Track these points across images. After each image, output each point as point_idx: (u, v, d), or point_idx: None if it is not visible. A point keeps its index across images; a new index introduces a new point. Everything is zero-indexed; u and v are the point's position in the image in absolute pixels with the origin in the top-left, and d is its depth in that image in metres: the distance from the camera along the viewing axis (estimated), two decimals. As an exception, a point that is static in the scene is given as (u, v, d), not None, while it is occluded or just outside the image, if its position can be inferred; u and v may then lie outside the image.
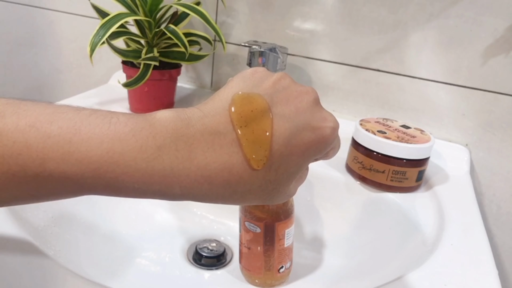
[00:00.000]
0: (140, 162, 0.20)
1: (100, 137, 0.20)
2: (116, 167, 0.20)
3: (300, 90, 0.26)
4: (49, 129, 0.20)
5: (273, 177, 0.23)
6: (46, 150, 0.19)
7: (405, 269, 0.35)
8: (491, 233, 0.60)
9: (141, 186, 0.21)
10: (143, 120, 0.21)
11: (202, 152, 0.21)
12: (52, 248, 0.35)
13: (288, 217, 0.38)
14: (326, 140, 0.25)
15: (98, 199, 0.45)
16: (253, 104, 0.23)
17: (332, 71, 0.61)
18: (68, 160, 0.20)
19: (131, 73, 0.57)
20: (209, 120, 0.22)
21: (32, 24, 0.81)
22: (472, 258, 0.36)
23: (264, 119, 0.23)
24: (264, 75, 0.26)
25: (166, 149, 0.21)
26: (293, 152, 0.23)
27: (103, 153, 0.20)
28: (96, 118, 0.21)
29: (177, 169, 0.21)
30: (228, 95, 0.24)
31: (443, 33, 0.54)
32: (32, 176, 0.20)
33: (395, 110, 0.59)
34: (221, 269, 0.44)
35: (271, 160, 0.22)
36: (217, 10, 0.64)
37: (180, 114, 0.22)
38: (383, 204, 0.47)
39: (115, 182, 0.20)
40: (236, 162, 0.22)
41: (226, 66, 0.68)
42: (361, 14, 0.57)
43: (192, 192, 0.22)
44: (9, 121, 0.20)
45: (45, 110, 0.20)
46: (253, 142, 0.22)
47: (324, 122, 0.25)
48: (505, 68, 0.52)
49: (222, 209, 0.50)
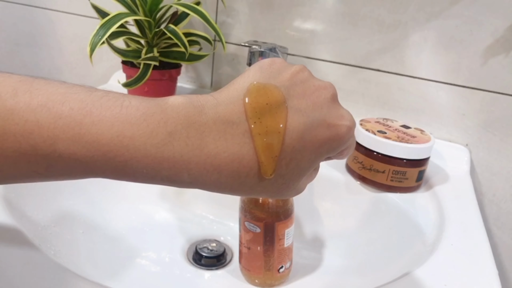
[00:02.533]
0: (149, 148, 0.20)
1: (111, 120, 0.20)
2: (125, 151, 0.20)
3: (318, 85, 0.25)
4: (61, 109, 0.20)
5: (284, 171, 0.23)
6: (57, 130, 0.19)
7: (405, 269, 0.35)
8: (491, 233, 0.60)
9: (150, 172, 0.21)
10: (155, 105, 0.21)
11: (213, 140, 0.21)
12: (52, 248, 0.35)
13: (288, 217, 0.38)
14: (341, 138, 0.24)
15: (98, 199, 0.45)
16: (269, 96, 0.22)
17: (332, 71, 0.61)
18: (78, 142, 0.20)
19: (131, 73, 0.57)
20: (223, 109, 0.22)
21: (32, 24, 0.81)
22: (472, 258, 0.36)
23: (279, 113, 0.22)
24: (282, 66, 0.25)
25: (177, 135, 0.21)
26: (306, 147, 0.23)
27: (113, 136, 0.20)
28: (108, 101, 0.21)
29: (187, 156, 0.21)
30: (244, 84, 0.23)
31: (443, 33, 0.54)
32: (42, 156, 0.20)
33: (395, 110, 0.59)
34: (221, 269, 0.44)
35: (282, 154, 0.22)
36: (217, 10, 0.64)
37: (194, 101, 0.22)
38: (383, 204, 0.47)
39: (124, 166, 0.20)
40: (246, 153, 0.21)
41: (226, 66, 0.68)
42: (361, 14, 0.57)
43: (201, 180, 0.22)
44: (21, 99, 0.20)
45: (58, 89, 0.20)
46: (266, 145, 0.21)
47: (340, 120, 0.24)
48: (505, 68, 0.52)
49: (222, 209, 0.50)
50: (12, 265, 0.30)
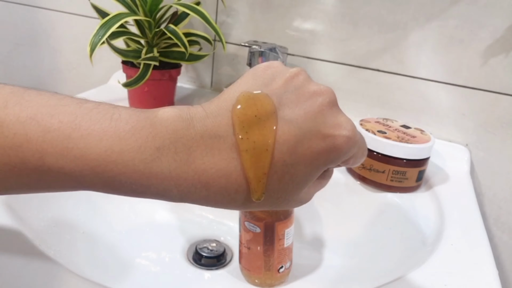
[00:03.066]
0: (138, 163, 0.20)
1: (100, 134, 0.20)
2: (114, 166, 0.20)
3: (314, 91, 0.23)
4: (50, 122, 0.19)
5: (276, 186, 0.22)
6: (45, 144, 0.19)
7: (405, 269, 0.35)
8: (491, 233, 0.60)
9: (139, 187, 0.20)
10: (144, 118, 0.21)
11: (201, 156, 0.20)
12: (52, 248, 0.35)
13: (288, 217, 0.37)
14: (339, 150, 0.22)
15: (98, 199, 0.45)
16: (258, 107, 0.21)
17: (332, 71, 0.61)
18: (67, 156, 0.19)
19: (131, 73, 0.57)
20: (211, 122, 0.21)
21: (32, 24, 0.81)
22: (472, 258, 0.36)
23: (268, 126, 0.21)
24: (277, 72, 0.24)
25: (165, 150, 0.20)
26: (299, 161, 0.21)
27: (101, 151, 0.19)
28: (97, 113, 0.20)
29: (175, 172, 0.20)
30: (235, 93, 0.22)
31: (443, 33, 0.54)
32: (31, 169, 0.20)
33: (395, 110, 0.59)
34: (221, 269, 0.44)
35: (273, 169, 0.21)
36: (217, 10, 0.64)
37: (183, 114, 0.21)
38: (383, 204, 0.47)
39: (113, 181, 0.20)
40: (234, 169, 0.21)
41: (226, 66, 0.68)
42: (361, 14, 0.57)
43: (191, 196, 0.21)
44: (11, 111, 0.19)
45: (48, 101, 0.20)
46: (253, 162, 0.20)
47: (337, 130, 0.22)
48: (505, 68, 0.52)
49: (222, 209, 0.50)
50: (12, 265, 0.30)
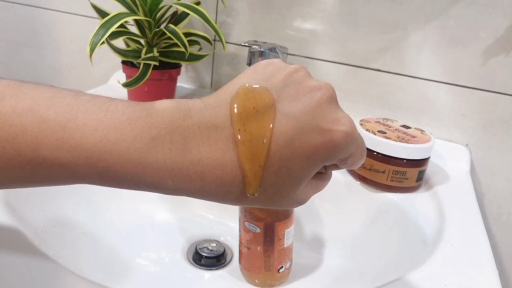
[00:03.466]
0: (133, 153, 0.20)
1: (95, 124, 0.19)
2: (108, 156, 0.19)
3: (313, 86, 0.23)
4: (46, 113, 0.19)
5: (272, 179, 0.21)
6: (41, 135, 0.19)
7: (405, 269, 0.35)
8: (491, 233, 0.60)
9: (134, 178, 0.20)
10: (141, 110, 0.21)
11: (197, 146, 0.20)
12: (52, 248, 0.35)
13: (288, 217, 0.37)
14: (336, 145, 0.22)
15: (98, 199, 0.45)
16: (257, 99, 0.21)
17: (332, 71, 0.61)
18: (62, 146, 0.19)
19: (131, 73, 0.57)
20: (209, 113, 0.21)
21: (32, 24, 0.81)
22: (472, 258, 0.36)
23: (266, 118, 0.21)
24: (277, 68, 0.24)
25: (160, 140, 0.20)
26: (296, 154, 0.21)
27: (96, 141, 0.19)
28: (94, 105, 0.20)
29: (170, 162, 0.20)
30: (235, 87, 0.22)
31: (443, 33, 0.54)
32: (26, 161, 0.20)
33: (395, 110, 0.59)
34: (221, 269, 0.44)
35: (269, 162, 0.21)
36: (217, 10, 0.64)
37: (180, 105, 0.21)
38: (383, 204, 0.47)
39: (108, 172, 0.20)
40: (230, 160, 0.21)
41: (226, 66, 0.68)
42: (361, 14, 0.57)
43: (185, 188, 0.21)
44: (7, 103, 0.19)
45: (44, 94, 0.20)
46: (250, 154, 0.20)
47: (335, 125, 0.22)
48: (505, 68, 0.52)
49: (222, 209, 0.50)
50: (12, 265, 0.30)
